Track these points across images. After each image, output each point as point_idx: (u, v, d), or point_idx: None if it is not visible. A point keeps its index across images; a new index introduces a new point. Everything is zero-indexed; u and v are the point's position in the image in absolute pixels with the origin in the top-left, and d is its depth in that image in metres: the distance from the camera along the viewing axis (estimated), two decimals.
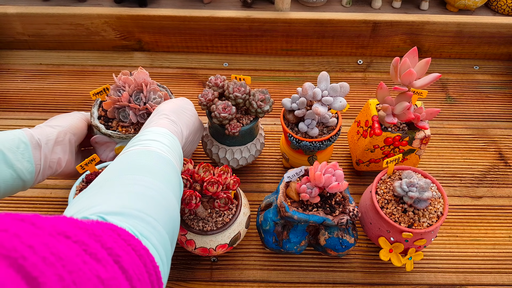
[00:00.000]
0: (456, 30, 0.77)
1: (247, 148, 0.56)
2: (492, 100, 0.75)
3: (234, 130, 0.50)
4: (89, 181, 0.45)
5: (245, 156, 0.56)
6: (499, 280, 0.52)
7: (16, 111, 0.70)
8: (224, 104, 0.49)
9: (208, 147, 0.56)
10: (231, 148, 0.55)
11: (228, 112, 0.49)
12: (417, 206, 0.46)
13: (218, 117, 0.49)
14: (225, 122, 0.50)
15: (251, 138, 0.55)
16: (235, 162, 0.56)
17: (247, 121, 0.52)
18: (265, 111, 0.51)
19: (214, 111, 0.49)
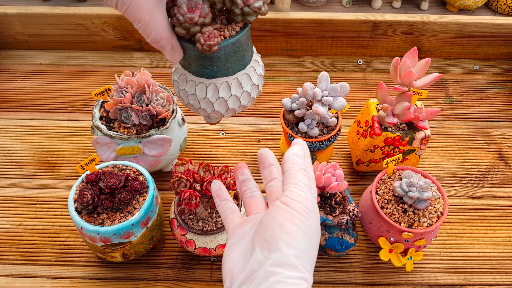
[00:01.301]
0: (456, 30, 0.77)
1: (238, 81, 0.35)
2: (492, 100, 0.75)
3: (210, 41, 0.31)
4: (89, 181, 0.45)
5: (236, 94, 0.35)
6: (499, 280, 0.52)
7: (16, 111, 0.70)
8: (192, 2, 0.31)
9: (181, 86, 0.37)
10: (213, 82, 0.35)
11: (198, 12, 0.31)
12: (417, 206, 0.46)
13: (183, 23, 0.31)
14: (194, 30, 0.31)
15: (241, 62, 0.35)
16: (223, 105, 0.35)
17: (231, 31, 0.34)
18: (257, 9, 0.32)
19: (175, 14, 0.31)
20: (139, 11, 0.31)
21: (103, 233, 0.43)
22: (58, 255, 0.52)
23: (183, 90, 0.37)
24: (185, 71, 0.36)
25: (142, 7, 0.30)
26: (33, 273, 0.51)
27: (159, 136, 0.52)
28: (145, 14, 0.31)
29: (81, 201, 0.44)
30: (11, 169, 0.61)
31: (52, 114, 0.69)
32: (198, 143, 0.66)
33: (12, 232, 0.54)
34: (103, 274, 0.51)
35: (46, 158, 0.63)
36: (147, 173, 0.48)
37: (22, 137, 0.66)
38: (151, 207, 0.46)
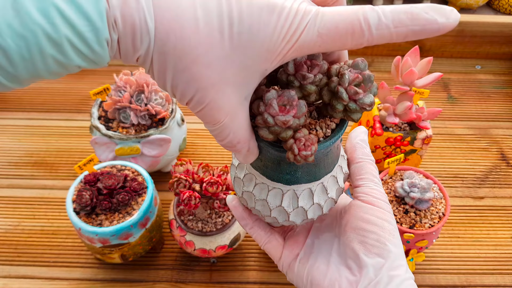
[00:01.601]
0: (457, 29, 0.76)
1: (323, 187, 0.28)
2: (494, 100, 0.74)
3: (306, 152, 0.23)
4: (87, 182, 0.45)
5: (319, 203, 0.28)
6: (501, 281, 0.52)
7: (14, 111, 0.69)
8: (282, 97, 0.23)
9: (246, 187, 0.28)
10: (292, 189, 0.27)
11: (293, 112, 0.23)
12: (419, 207, 0.46)
13: (272, 126, 0.23)
14: (285, 135, 0.23)
15: (331, 164, 0.28)
16: (300, 215, 0.28)
17: (326, 130, 0.26)
18: (366, 106, 0.24)
19: (262, 112, 0.23)
20: (218, 113, 0.22)
21: (102, 234, 0.43)
22: (57, 256, 0.52)
23: (248, 193, 0.28)
24: (255, 171, 0.28)
25: (223, 108, 0.22)
26: (31, 274, 0.50)
27: (158, 136, 0.52)
28: (225, 116, 0.22)
29: (79, 201, 0.43)
30: (9, 170, 0.61)
31: (50, 114, 0.69)
32: (198, 143, 0.65)
33: (10, 233, 0.54)
34: (101, 275, 0.50)
35: (44, 158, 0.63)
36: (146, 173, 0.48)
37: (20, 137, 0.65)
38: (150, 207, 0.46)
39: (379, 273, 0.26)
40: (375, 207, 0.28)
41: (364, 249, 0.27)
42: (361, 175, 0.29)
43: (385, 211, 0.28)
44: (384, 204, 0.28)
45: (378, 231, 0.27)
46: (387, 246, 0.26)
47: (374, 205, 0.28)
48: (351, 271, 0.27)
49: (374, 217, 0.27)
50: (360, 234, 0.27)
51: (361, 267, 0.26)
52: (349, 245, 0.27)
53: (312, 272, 0.29)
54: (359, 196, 0.29)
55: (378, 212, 0.27)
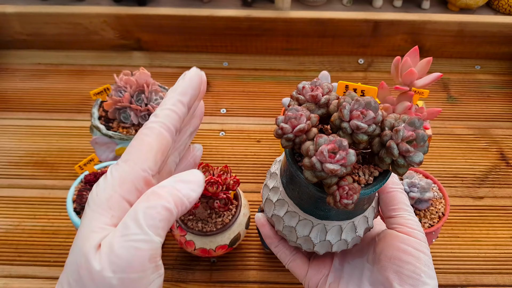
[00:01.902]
0: (457, 29, 0.76)
1: (353, 225, 0.28)
2: (494, 100, 0.74)
3: (347, 200, 0.23)
4: (87, 181, 0.45)
5: (346, 239, 0.28)
6: (500, 281, 0.52)
7: (14, 111, 0.69)
8: (333, 144, 0.23)
9: (277, 211, 0.29)
10: (323, 223, 0.28)
11: (342, 161, 0.23)
12: (418, 206, 0.46)
13: (319, 171, 0.23)
14: (330, 181, 0.23)
15: (364, 206, 0.28)
16: (325, 247, 0.29)
17: (368, 177, 0.26)
18: (415, 164, 0.24)
19: (310, 155, 0.23)
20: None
21: None
22: (57, 256, 0.52)
23: (278, 217, 0.29)
24: (288, 199, 0.28)
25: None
26: (32, 273, 0.50)
27: None
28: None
29: (79, 201, 0.43)
30: (10, 170, 0.61)
31: (50, 114, 0.69)
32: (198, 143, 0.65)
33: (11, 232, 0.54)
34: None
35: (45, 158, 0.63)
36: None
37: (20, 137, 0.65)
38: None
39: None
40: (411, 237, 0.28)
41: (398, 279, 0.26)
42: (394, 205, 0.29)
43: (422, 242, 0.28)
44: (420, 234, 0.28)
45: (414, 262, 0.26)
46: (422, 277, 0.26)
47: (411, 235, 0.28)
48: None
49: (410, 247, 0.27)
50: (395, 264, 0.27)
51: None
52: (383, 274, 0.27)
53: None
54: (395, 227, 0.28)
55: (414, 243, 0.27)
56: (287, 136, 0.24)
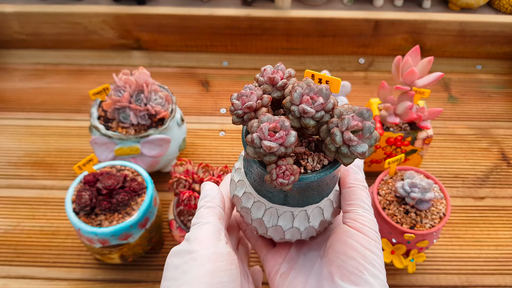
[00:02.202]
0: (458, 29, 0.76)
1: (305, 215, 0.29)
2: (495, 99, 0.74)
3: (283, 180, 0.24)
4: (86, 182, 0.45)
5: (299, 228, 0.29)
6: (502, 282, 0.51)
7: (13, 111, 0.69)
8: (276, 123, 0.24)
9: (244, 203, 0.30)
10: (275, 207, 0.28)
11: (280, 140, 0.23)
12: (419, 207, 0.45)
13: (258, 147, 0.24)
14: (268, 159, 0.24)
15: (318, 196, 0.28)
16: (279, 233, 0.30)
17: (316, 164, 0.26)
18: (357, 154, 0.24)
19: (252, 132, 0.24)
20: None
21: (101, 234, 0.43)
22: (56, 257, 0.52)
23: (237, 197, 0.30)
24: (246, 180, 0.29)
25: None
26: (30, 274, 0.50)
27: (158, 136, 0.52)
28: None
29: (78, 202, 0.43)
30: (8, 170, 0.61)
31: (49, 114, 0.69)
32: (197, 143, 0.65)
33: (10, 233, 0.54)
34: (101, 276, 0.50)
35: (44, 158, 0.62)
36: (146, 173, 0.48)
37: (19, 137, 0.65)
38: (150, 208, 0.46)
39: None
40: (361, 234, 0.27)
41: (340, 273, 0.26)
42: (351, 200, 0.29)
43: (370, 240, 0.27)
44: (371, 232, 0.27)
45: (359, 258, 0.26)
46: (364, 275, 0.26)
47: (361, 232, 0.27)
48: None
49: (357, 243, 0.26)
50: (340, 258, 0.26)
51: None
52: (328, 267, 0.27)
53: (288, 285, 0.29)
54: (347, 221, 0.28)
55: (362, 240, 0.27)
56: (237, 112, 0.25)
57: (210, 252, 0.26)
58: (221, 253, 0.26)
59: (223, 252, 0.26)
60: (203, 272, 0.25)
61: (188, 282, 0.25)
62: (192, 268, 0.25)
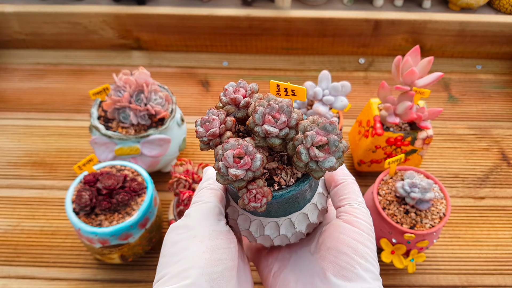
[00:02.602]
0: (458, 29, 0.76)
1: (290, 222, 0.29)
2: (495, 99, 0.74)
3: (255, 203, 0.24)
4: (86, 182, 0.45)
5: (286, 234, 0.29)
6: (502, 282, 0.51)
7: (13, 111, 0.69)
8: (240, 149, 0.23)
9: (231, 215, 0.30)
10: (259, 219, 0.29)
11: (246, 166, 0.23)
12: (420, 207, 0.45)
13: (225, 175, 0.24)
14: (238, 185, 0.24)
15: (298, 205, 0.28)
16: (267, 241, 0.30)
17: (290, 178, 0.26)
18: (324, 169, 0.24)
19: (219, 159, 0.24)
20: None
21: (101, 234, 0.43)
22: (56, 257, 0.52)
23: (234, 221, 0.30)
24: (229, 196, 0.30)
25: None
26: (30, 274, 0.50)
27: (158, 136, 0.52)
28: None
29: (78, 202, 0.43)
30: (8, 170, 0.61)
31: (49, 114, 0.69)
32: (197, 143, 0.65)
33: (10, 233, 0.54)
34: (101, 276, 0.50)
35: (44, 158, 0.62)
36: (146, 173, 0.48)
37: (19, 137, 0.65)
38: (150, 208, 0.46)
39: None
40: (353, 227, 0.27)
41: (333, 269, 0.26)
42: (344, 195, 0.29)
43: (363, 233, 0.27)
44: (364, 225, 0.27)
45: (350, 253, 0.26)
46: (356, 269, 0.25)
47: (353, 225, 0.27)
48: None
49: (349, 238, 0.26)
50: (332, 254, 0.26)
51: (326, 287, 0.26)
52: (320, 264, 0.27)
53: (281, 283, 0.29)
54: (341, 215, 0.28)
55: (354, 234, 0.26)
56: (202, 140, 0.25)
57: (210, 229, 0.26)
58: (221, 231, 0.26)
59: (223, 230, 0.26)
60: (203, 248, 0.25)
61: (188, 257, 0.24)
62: (191, 244, 0.25)
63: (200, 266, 0.24)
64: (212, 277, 0.24)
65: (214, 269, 0.24)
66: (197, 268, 0.24)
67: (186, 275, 0.24)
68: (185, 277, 0.24)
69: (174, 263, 0.25)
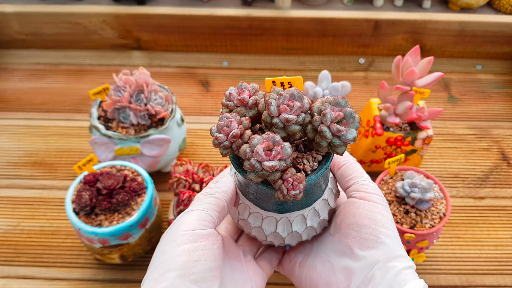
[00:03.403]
0: (458, 29, 0.76)
1: (315, 211, 0.29)
2: (495, 99, 0.74)
3: (294, 191, 0.24)
4: (86, 182, 0.45)
5: (313, 225, 0.29)
6: (502, 282, 0.51)
7: (13, 111, 0.69)
8: (267, 141, 0.24)
9: (241, 215, 0.30)
10: (285, 216, 0.28)
11: (279, 156, 0.23)
12: (420, 207, 0.45)
13: (259, 171, 0.24)
14: (273, 177, 0.24)
15: (320, 190, 0.29)
16: (295, 238, 0.30)
17: (313, 163, 0.26)
18: (349, 141, 0.25)
19: (248, 158, 0.24)
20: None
21: (101, 234, 0.43)
22: (56, 257, 0.52)
23: (244, 220, 0.30)
24: (248, 202, 0.29)
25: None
26: (30, 274, 0.50)
27: (158, 136, 0.52)
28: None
29: (78, 202, 0.43)
30: (8, 170, 0.61)
31: (49, 114, 0.69)
32: (197, 143, 0.65)
33: (10, 233, 0.54)
34: (101, 276, 0.50)
35: (44, 158, 0.62)
36: (146, 173, 0.48)
37: (19, 137, 0.65)
38: (150, 208, 0.46)
39: (374, 266, 0.26)
40: (366, 201, 0.28)
41: (358, 243, 0.27)
42: (350, 175, 0.30)
43: (377, 204, 0.28)
44: (376, 197, 0.28)
45: (371, 224, 0.27)
46: (380, 238, 0.26)
47: (366, 199, 0.28)
48: (346, 267, 0.27)
49: (367, 211, 0.27)
50: (353, 229, 0.27)
51: (356, 261, 0.26)
52: (344, 241, 0.28)
53: (309, 274, 0.29)
54: (352, 193, 0.29)
55: (370, 206, 0.28)
56: (224, 145, 0.25)
57: (190, 233, 0.26)
58: (201, 234, 0.26)
59: (204, 233, 0.26)
60: (179, 251, 0.25)
61: (165, 261, 0.25)
62: (170, 248, 0.26)
63: (176, 269, 0.25)
64: (189, 279, 0.24)
65: (192, 270, 0.25)
66: (173, 270, 0.24)
67: (162, 279, 0.24)
68: (161, 280, 0.24)
69: (154, 268, 0.25)
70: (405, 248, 0.46)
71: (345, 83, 0.50)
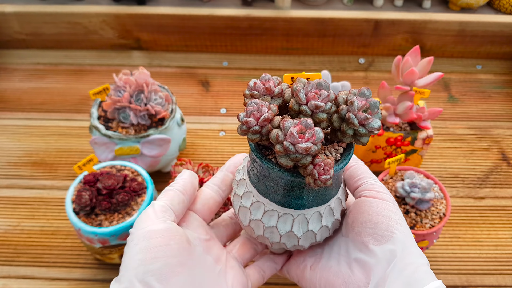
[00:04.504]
0: (458, 29, 0.76)
1: (330, 209, 0.29)
2: (495, 99, 0.74)
3: (326, 176, 0.24)
4: (86, 182, 0.45)
5: (327, 225, 0.29)
6: (502, 282, 0.51)
7: (13, 111, 0.69)
8: (299, 125, 0.24)
9: (254, 216, 0.29)
10: (303, 213, 0.28)
11: (312, 139, 0.23)
12: (420, 207, 0.45)
13: (293, 154, 0.23)
14: (305, 161, 0.24)
15: (338, 186, 0.29)
16: (309, 238, 0.29)
17: (336, 154, 0.27)
18: (375, 130, 0.25)
19: (281, 141, 0.24)
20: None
21: (101, 234, 0.43)
22: (56, 257, 0.52)
23: (256, 221, 0.28)
24: (264, 199, 0.28)
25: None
26: (30, 274, 0.50)
27: (158, 136, 0.52)
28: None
29: (78, 202, 0.43)
30: (8, 170, 0.61)
31: (49, 114, 0.69)
32: (197, 143, 0.65)
33: (10, 233, 0.54)
34: (101, 276, 0.50)
35: (44, 158, 0.62)
36: (146, 173, 0.48)
37: (19, 137, 0.65)
38: None
39: (391, 262, 0.26)
40: (379, 200, 0.28)
41: (374, 240, 0.27)
42: (358, 175, 0.30)
43: (389, 203, 0.28)
44: (387, 196, 0.29)
45: (386, 221, 0.27)
46: (395, 233, 0.27)
47: (378, 198, 0.29)
48: (363, 264, 0.27)
49: (379, 208, 0.28)
50: (368, 226, 0.27)
51: (372, 257, 0.27)
52: (359, 239, 0.28)
53: (324, 275, 0.29)
54: (362, 193, 0.29)
55: (382, 204, 0.28)
56: (254, 129, 0.24)
57: (145, 230, 0.26)
58: (156, 230, 0.26)
59: (160, 228, 0.26)
60: (136, 250, 0.25)
61: (124, 262, 0.26)
62: (128, 249, 0.26)
63: (133, 268, 0.25)
64: (148, 276, 0.25)
65: (149, 267, 0.25)
66: (130, 270, 0.25)
67: (122, 280, 0.25)
68: (121, 281, 0.25)
69: (120, 271, 0.26)
70: None
71: (345, 83, 0.50)
